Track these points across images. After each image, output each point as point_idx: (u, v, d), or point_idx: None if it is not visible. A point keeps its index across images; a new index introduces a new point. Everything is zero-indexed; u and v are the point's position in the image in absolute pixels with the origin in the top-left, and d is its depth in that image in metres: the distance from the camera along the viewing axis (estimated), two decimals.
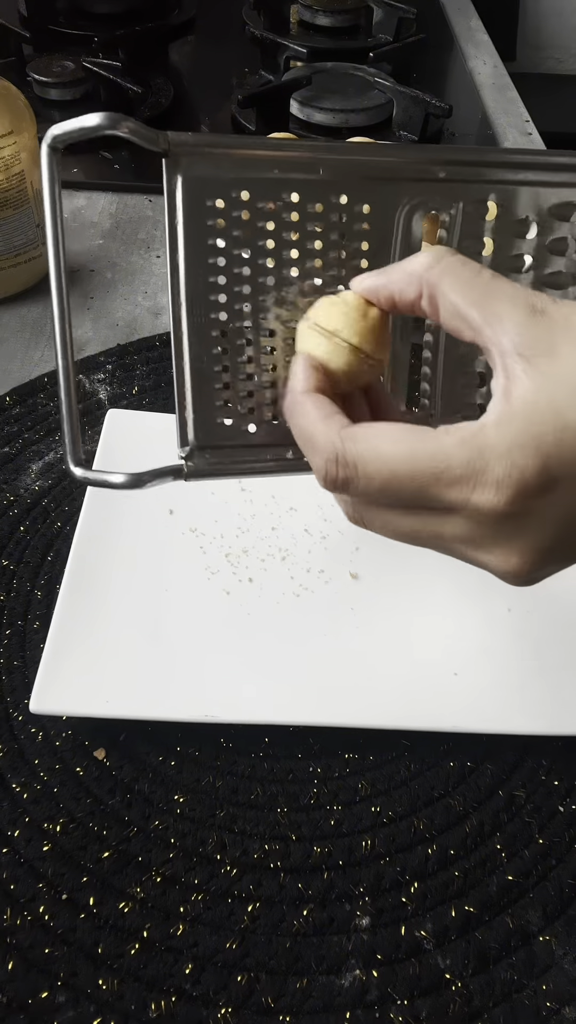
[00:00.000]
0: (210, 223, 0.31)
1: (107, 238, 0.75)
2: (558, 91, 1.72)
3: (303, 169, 0.31)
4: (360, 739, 0.43)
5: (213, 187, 0.30)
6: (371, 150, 0.32)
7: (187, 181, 0.30)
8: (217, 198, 0.30)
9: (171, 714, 0.41)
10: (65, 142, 0.29)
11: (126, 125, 0.29)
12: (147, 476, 0.31)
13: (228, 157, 0.30)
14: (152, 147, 0.29)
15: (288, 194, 0.31)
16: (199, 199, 0.30)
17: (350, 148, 0.32)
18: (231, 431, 0.32)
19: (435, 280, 0.27)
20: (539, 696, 0.43)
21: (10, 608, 0.47)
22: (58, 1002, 0.34)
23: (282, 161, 0.31)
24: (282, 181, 0.31)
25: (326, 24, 1.00)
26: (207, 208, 0.30)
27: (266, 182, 0.31)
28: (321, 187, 0.31)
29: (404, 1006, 0.35)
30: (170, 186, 0.30)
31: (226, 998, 0.35)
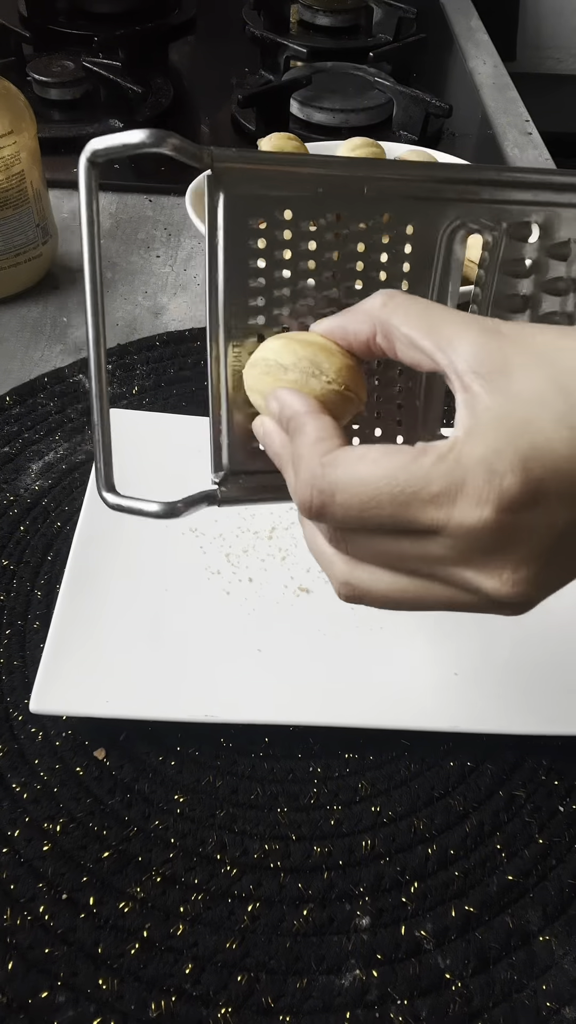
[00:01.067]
0: (251, 243, 0.30)
1: (107, 238, 0.75)
2: (558, 91, 1.72)
3: (347, 187, 0.30)
4: (360, 739, 0.43)
5: (256, 206, 0.29)
6: (418, 170, 0.31)
7: (229, 198, 0.29)
8: (260, 217, 0.30)
9: (171, 714, 0.41)
10: (105, 157, 0.28)
11: (171, 142, 0.27)
12: (181, 505, 0.30)
13: (272, 175, 0.29)
14: (196, 164, 0.28)
15: (332, 214, 0.30)
16: (241, 217, 0.29)
17: (396, 167, 0.31)
18: (265, 456, 0.31)
19: (387, 316, 0.28)
20: (539, 696, 0.43)
21: (10, 608, 0.47)
22: (58, 1002, 0.34)
23: (327, 180, 0.30)
24: (326, 200, 0.30)
25: (326, 24, 1.00)
26: (249, 228, 0.30)
27: (309, 200, 0.30)
28: (365, 206, 0.30)
29: (404, 1006, 0.35)
30: (211, 203, 0.29)
31: (226, 998, 0.35)
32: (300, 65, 0.92)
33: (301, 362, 0.29)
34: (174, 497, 0.52)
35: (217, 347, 0.31)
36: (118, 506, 0.30)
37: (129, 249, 0.74)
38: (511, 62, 1.29)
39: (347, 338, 0.29)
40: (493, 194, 0.31)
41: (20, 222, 0.63)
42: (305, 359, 0.29)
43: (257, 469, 0.32)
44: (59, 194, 0.78)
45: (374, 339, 0.29)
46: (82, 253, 0.29)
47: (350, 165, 0.31)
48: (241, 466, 0.32)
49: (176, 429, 0.54)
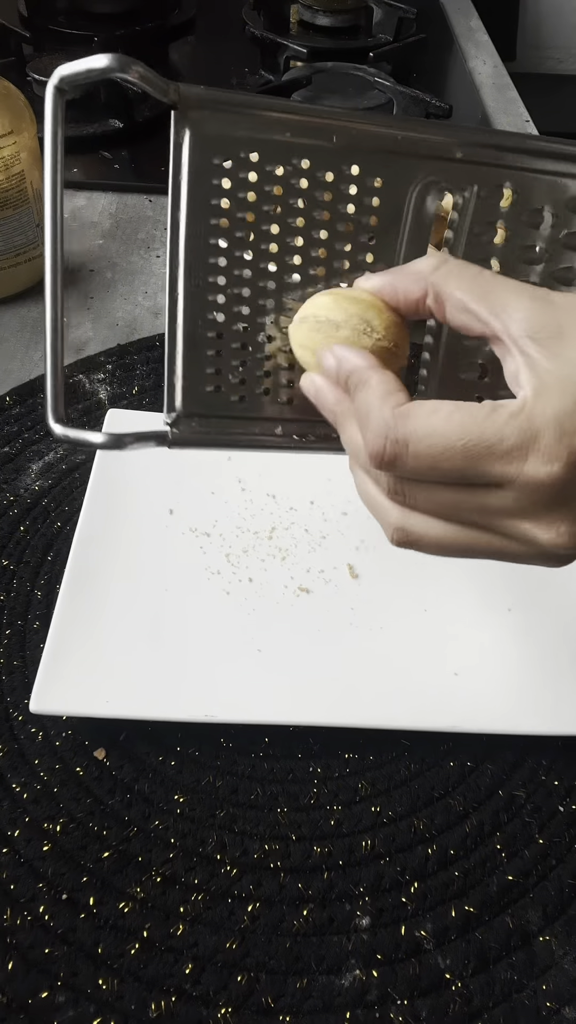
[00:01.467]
0: (216, 182, 0.29)
1: (107, 238, 0.75)
2: (558, 91, 1.72)
3: (316, 135, 0.30)
4: (360, 739, 0.43)
5: (222, 145, 0.29)
6: (389, 122, 0.31)
7: (195, 136, 0.29)
8: (225, 157, 0.29)
9: (171, 714, 0.41)
10: (72, 83, 0.28)
11: (136, 69, 0.27)
12: (128, 438, 0.30)
13: (239, 115, 0.29)
14: (161, 97, 0.28)
15: (299, 160, 0.30)
16: (206, 156, 0.29)
17: (367, 118, 0.30)
18: (220, 401, 0.31)
19: (440, 280, 0.29)
20: (539, 696, 0.43)
21: (10, 608, 0.47)
22: (58, 1002, 0.34)
23: (295, 124, 0.29)
24: (293, 145, 0.29)
25: (326, 24, 1.00)
26: (214, 167, 0.29)
27: (277, 145, 0.29)
28: (333, 155, 0.30)
29: (404, 1006, 0.35)
30: (177, 139, 0.29)
31: (226, 998, 0.35)
32: (300, 65, 0.92)
33: (352, 319, 0.29)
34: (174, 499, 0.52)
35: (176, 286, 0.30)
36: (64, 436, 0.30)
37: (129, 249, 0.74)
38: (511, 62, 1.29)
39: (396, 297, 0.30)
40: (466, 154, 0.31)
41: (20, 222, 0.63)
42: (356, 316, 0.29)
43: (211, 414, 0.31)
44: None
45: (424, 300, 0.29)
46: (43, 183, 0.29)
47: (320, 112, 0.30)
48: (194, 409, 0.31)
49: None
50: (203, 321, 0.30)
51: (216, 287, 0.30)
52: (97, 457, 0.52)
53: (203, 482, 0.53)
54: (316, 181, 0.30)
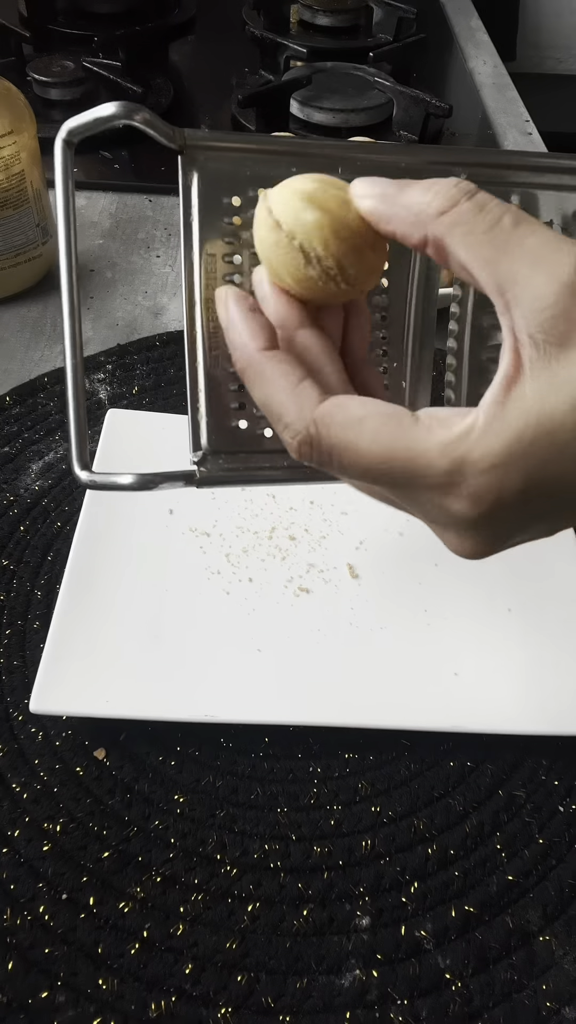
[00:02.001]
0: (226, 221, 0.30)
1: (107, 238, 0.75)
2: (558, 91, 1.72)
3: (321, 168, 0.29)
4: (360, 739, 0.43)
5: (229, 184, 0.30)
6: (391, 150, 0.31)
7: (203, 178, 0.29)
8: (233, 195, 0.30)
9: (171, 714, 0.41)
10: (81, 135, 0.28)
11: (142, 116, 0.28)
12: (157, 479, 0.29)
13: (245, 154, 0.29)
14: (168, 143, 0.29)
15: None
16: (215, 196, 0.29)
17: (370, 147, 0.31)
18: (245, 436, 0.31)
19: (443, 232, 0.24)
20: (539, 696, 0.43)
21: (10, 608, 0.47)
22: (58, 1002, 0.34)
23: (300, 159, 0.30)
24: None
25: (326, 24, 1.00)
26: (223, 205, 0.30)
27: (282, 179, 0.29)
28: None
29: (404, 1006, 0.35)
30: (186, 182, 0.29)
31: (226, 998, 0.35)
32: (300, 65, 0.92)
33: (309, 231, 0.26)
34: (174, 499, 0.52)
35: (194, 326, 0.30)
36: (92, 483, 0.29)
37: (129, 249, 0.74)
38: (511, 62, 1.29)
39: (391, 233, 0.26)
40: (470, 174, 0.31)
41: (20, 222, 0.63)
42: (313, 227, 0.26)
43: (237, 449, 0.31)
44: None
45: (423, 248, 0.25)
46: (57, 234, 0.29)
47: (322, 146, 0.31)
48: (220, 446, 0.31)
49: (176, 429, 0.54)
50: (222, 359, 0.30)
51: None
52: (97, 457, 0.52)
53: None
54: None
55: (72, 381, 0.29)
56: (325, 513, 0.52)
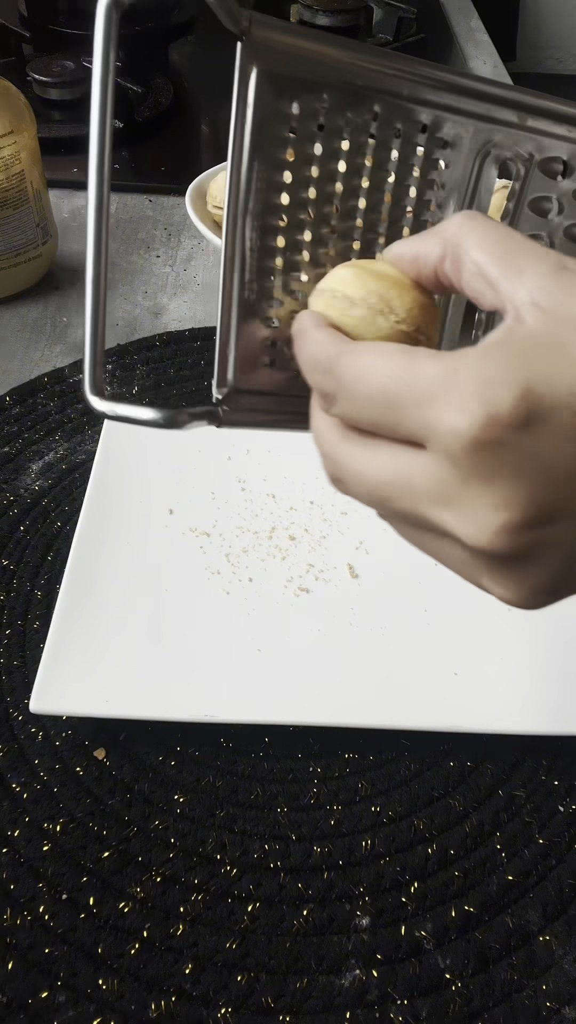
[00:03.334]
0: (280, 132, 0.27)
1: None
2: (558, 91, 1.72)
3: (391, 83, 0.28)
4: (360, 739, 0.43)
5: (290, 88, 0.27)
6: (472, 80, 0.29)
7: (262, 74, 0.26)
8: (293, 100, 0.27)
9: (171, 714, 0.41)
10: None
11: None
12: (184, 416, 0.26)
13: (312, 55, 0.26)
14: (230, 25, 0.26)
15: (369, 111, 0.28)
16: (273, 98, 0.27)
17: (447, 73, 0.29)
18: (274, 376, 0.29)
19: (460, 238, 0.25)
20: (539, 696, 0.43)
21: (10, 608, 0.47)
22: (58, 1002, 0.34)
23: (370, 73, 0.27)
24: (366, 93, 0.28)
25: (326, 24, 1.00)
26: (279, 113, 0.27)
27: (348, 91, 0.27)
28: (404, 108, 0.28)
29: (404, 1006, 0.35)
30: (243, 74, 0.26)
31: (226, 998, 0.35)
32: None
33: (370, 297, 0.26)
34: (174, 499, 0.52)
35: (233, 243, 0.28)
36: (107, 412, 0.26)
37: (129, 249, 0.74)
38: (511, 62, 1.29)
39: (416, 264, 0.26)
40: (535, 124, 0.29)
41: (20, 222, 0.63)
42: (375, 294, 0.26)
43: (265, 389, 0.29)
44: (59, 194, 0.78)
45: (442, 265, 0.26)
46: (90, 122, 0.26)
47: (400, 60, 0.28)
48: (248, 384, 0.29)
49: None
50: (260, 286, 0.28)
51: (276, 250, 0.28)
52: (97, 457, 0.52)
53: (203, 482, 0.53)
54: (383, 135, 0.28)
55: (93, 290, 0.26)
56: (325, 513, 0.52)
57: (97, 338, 0.26)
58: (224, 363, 0.28)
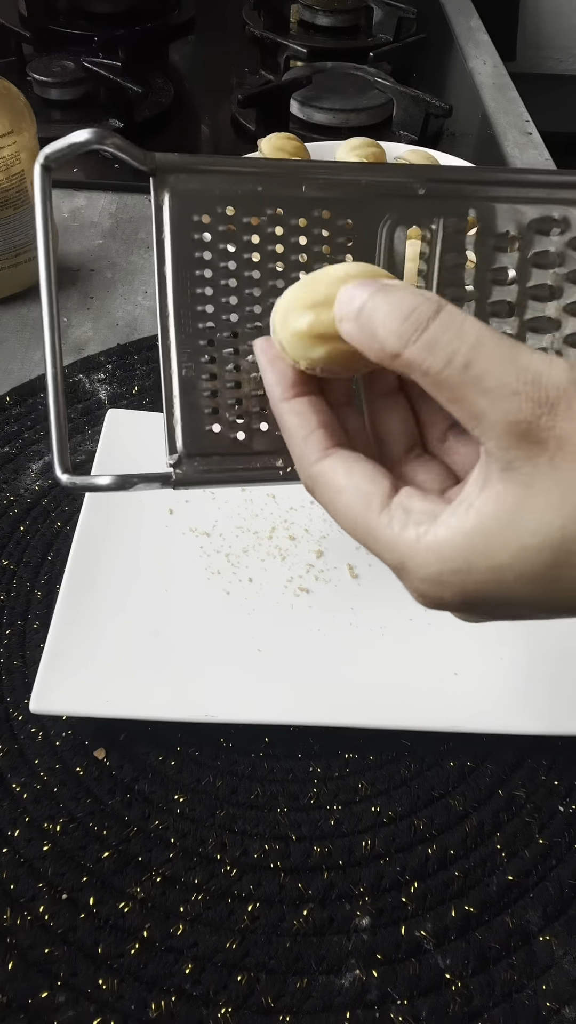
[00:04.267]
0: (196, 237, 0.31)
1: (107, 238, 0.75)
2: (558, 91, 1.72)
3: (286, 186, 0.32)
4: (360, 739, 0.43)
5: (199, 203, 0.31)
6: (353, 170, 0.33)
7: (174, 197, 0.31)
8: (203, 213, 0.31)
9: (171, 714, 0.41)
10: (58, 161, 0.31)
11: (113, 141, 0.30)
12: (135, 479, 0.31)
13: (213, 175, 0.31)
14: (139, 166, 0.31)
15: (272, 209, 0.32)
16: (186, 214, 0.31)
17: (332, 168, 0.33)
18: (220, 439, 0.32)
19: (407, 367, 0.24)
20: (539, 696, 0.43)
21: (10, 608, 0.47)
22: (58, 1002, 0.34)
23: (265, 178, 0.32)
24: (266, 197, 0.32)
25: (326, 24, 1.00)
26: (193, 223, 0.31)
27: (250, 197, 0.32)
28: (304, 203, 0.32)
29: (404, 1006, 0.35)
30: (157, 201, 0.31)
31: (226, 998, 0.35)
32: (300, 65, 0.92)
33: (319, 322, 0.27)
34: (174, 499, 0.52)
35: (167, 336, 0.32)
36: (72, 485, 0.31)
37: (129, 249, 0.74)
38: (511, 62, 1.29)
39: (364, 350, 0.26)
40: (428, 190, 0.33)
41: (20, 222, 0.63)
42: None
43: (213, 452, 0.32)
44: (59, 194, 0.78)
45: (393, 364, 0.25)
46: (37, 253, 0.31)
47: (285, 166, 0.33)
48: (196, 448, 0.32)
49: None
50: (196, 364, 0.32)
51: (205, 332, 0.32)
52: (97, 457, 0.52)
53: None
54: (291, 227, 0.32)
55: (52, 392, 0.31)
56: (325, 513, 0.52)
57: (61, 426, 0.32)
58: (172, 433, 0.32)
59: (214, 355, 0.32)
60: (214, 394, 0.32)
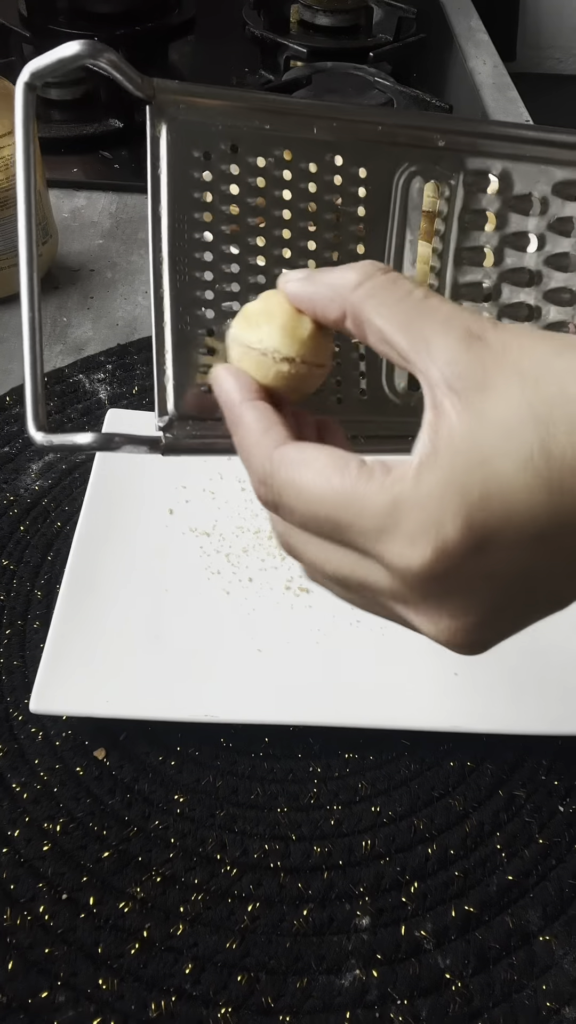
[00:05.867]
0: (196, 175, 0.29)
1: (107, 238, 0.75)
2: (558, 91, 1.72)
3: (295, 125, 0.29)
4: (360, 739, 0.42)
5: (200, 137, 0.28)
6: (369, 112, 0.31)
7: (173, 129, 0.28)
8: (204, 149, 0.29)
9: (171, 714, 0.41)
10: (44, 78, 0.27)
11: (107, 57, 0.26)
12: (118, 439, 0.28)
13: (216, 107, 0.29)
14: (135, 90, 0.27)
15: (280, 150, 0.29)
16: (185, 149, 0.28)
17: (346, 110, 0.30)
18: (215, 402, 0.29)
19: (358, 302, 0.25)
20: (539, 696, 0.43)
21: (10, 608, 0.47)
22: (58, 1002, 0.34)
23: (274, 115, 0.29)
24: (273, 136, 0.29)
25: (326, 24, 1.00)
26: (193, 159, 0.29)
27: (257, 136, 0.29)
28: (315, 146, 0.30)
29: (404, 1006, 0.35)
30: (154, 132, 0.28)
31: (226, 998, 0.35)
32: (300, 65, 0.92)
33: (264, 340, 0.27)
34: (174, 499, 0.52)
35: (160, 284, 0.29)
36: (48, 443, 0.28)
37: (129, 249, 0.74)
38: (511, 62, 1.29)
39: (313, 312, 0.27)
40: (448, 142, 0.30)
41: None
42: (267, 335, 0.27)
43: (206, 416, 0.30)
44: (59, 194, 0.78)
45: (343, 323, 0.26)
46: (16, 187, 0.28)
47: (298, 103, 0.30)
48: (188, 411, 0.30)
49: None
50: (191, 318, 0.29)
51: (203, 283, 0.29)
52: (97, 457, 0.52)
53: (203, 482, 0.53)
54: (299, 172, 0.30)
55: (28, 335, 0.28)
56: None
57: (36, 377, 0.29)
58: (163, 393, 0.29)
59: (213, 308, 0.29)
60: (211, 351, 0.30)
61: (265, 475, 0.25)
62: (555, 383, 0.22)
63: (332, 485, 0.24)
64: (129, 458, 0.52)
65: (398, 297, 0.25)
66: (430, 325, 0.24)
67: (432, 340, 0.24)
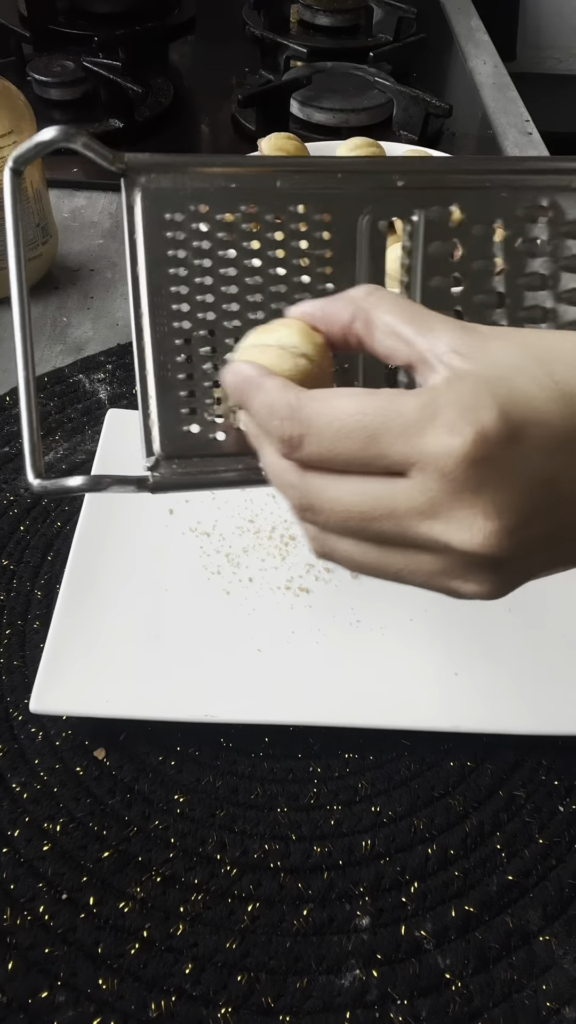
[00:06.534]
0: (170, 235, 0.31)
1: (107, 238, 0.75)
2: (558, 91, 1.72)
3: (258, 182, 0.32)
4: (360, 739, 0.43)
5: (171, 201, 0.31)
6: (324, 164, 0.32)
7: (146, 196, 0.31)
8: (176, 211, 0.31)
9: (171, 714, 0.41)
10: (27, 163, 0.31)
11: (81, 140, 0.29)
12: (107, 480, 0.30)
13: (184, 172, 0.31)
14: (108, 166, 0.30)
15: (246, 205, 0.31)
16: (158, 213, 0.31)
17: (304, 162, 0.33)
18: (198, 440, 0.32)
19: (369, 306, 0.28)
20: (539, 696, 0.43)
21: (10, 608, 0.47)
22: (58, 1002, 0.34)
23: (237, 174, 0.32)
24: (240, 192, 0.31)
25: (326, 24, 1.00)
26: (166, 221, 0.31)
27: (223, 193, 0.31)
28: (279, 198, 0.32)
29: (404, 1006, 0.35)
30: (128, 201, 0.31)
31: (226, 998, 0.35)
32: (300, 65, 0.92)
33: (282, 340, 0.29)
34: (174, 499, 0.52)
35: (142, 335, 0.31)
36: (44, 489, 0.30)
37: None
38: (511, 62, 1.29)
39: (326, 320, 0.29)
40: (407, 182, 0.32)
41: (20, 222, 0.63)
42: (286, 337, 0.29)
43: (191, 453, 0.32)
44: (59, 194, 0.78)
45: (351, 326, 0.28)
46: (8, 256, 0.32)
47: (258, 162, 0.33)
48: (173, 451, 0.32)
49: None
50: (172, 364, 0.32)
51: (181, 331, 0.31)
52: (97, 457, 0.52)
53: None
54: (266, 223, 0.32)
55: (25, 397, 0.31)
56: None
57: (33, 431, 0.31)
58: (148, 435, 0.32)
59: (191, 354, 0.32)
60: (192, 393, 0.32)
61: (292, 410, 0.26)
62: (544, 346, 0.27)
63: (365, 400, 0.25)
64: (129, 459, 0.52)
65: (402, 302, 0.28)
66: (432, 319, 0.27)
67: (435, 327, 0.27)
